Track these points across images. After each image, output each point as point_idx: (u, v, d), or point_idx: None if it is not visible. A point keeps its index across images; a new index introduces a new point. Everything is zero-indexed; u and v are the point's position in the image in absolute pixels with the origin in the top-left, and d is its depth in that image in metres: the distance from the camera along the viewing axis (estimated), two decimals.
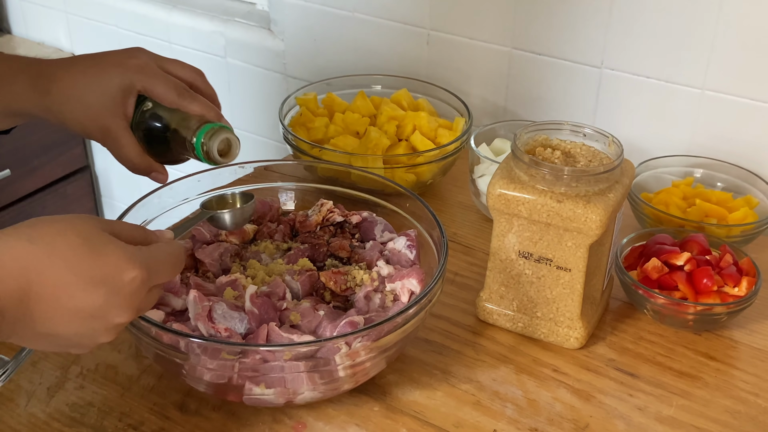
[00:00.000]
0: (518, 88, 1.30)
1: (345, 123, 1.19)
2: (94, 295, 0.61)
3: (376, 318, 0.79)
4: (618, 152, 0.86)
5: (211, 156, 0.87)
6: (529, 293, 0.89)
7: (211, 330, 0.76)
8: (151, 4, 1.72)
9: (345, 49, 1.47)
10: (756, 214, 1.06)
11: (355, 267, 0.87)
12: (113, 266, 0.61)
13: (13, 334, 0.61)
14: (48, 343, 0.63)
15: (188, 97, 0.88)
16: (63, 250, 0.60)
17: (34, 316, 0.60)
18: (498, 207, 0.86)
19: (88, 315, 0.61)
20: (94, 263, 0.61)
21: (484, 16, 1.29)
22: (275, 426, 0.79)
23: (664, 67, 1.16)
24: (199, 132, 0.87)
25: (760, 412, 0.83)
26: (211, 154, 0.87)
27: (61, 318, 0.61)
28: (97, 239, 0.62)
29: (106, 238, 0.62)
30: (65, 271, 0.60)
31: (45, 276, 0.59)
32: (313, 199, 0.98)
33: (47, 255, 0.60)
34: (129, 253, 0.62)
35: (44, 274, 0.59)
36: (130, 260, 0.62)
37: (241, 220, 0.87)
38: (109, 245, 0.62)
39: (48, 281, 0.59)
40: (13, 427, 0.79)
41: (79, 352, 0.66)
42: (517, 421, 0.81)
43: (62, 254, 0.60)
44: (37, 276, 0.59)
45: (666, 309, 0.90)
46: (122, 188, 2.04)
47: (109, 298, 0.61)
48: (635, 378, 0.86)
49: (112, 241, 0.63)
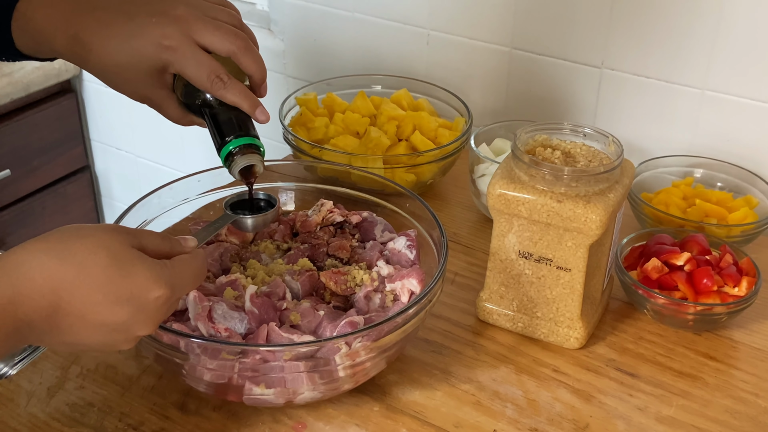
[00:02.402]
0: (518, 88, 1.30)
1: (345, 123, 1.19)
2: (120, 312, 0.63)
3: (376, 318, 0.79)
4: (618, 152, 0.86)
5: (234, 176, 0.84)
6: (529, 293, 0.89)
7: (211, 330, 0.76)
8: None
9: (345, 49, 1.47)
10: (756, 214, 1.06)
11: (355, 267, 0.87)
12: (140, 286, 0.64)
13: (39, 342, 0.64)
14: (70, 348, 0.68)
15: (220, 86, 0.83)
16: (93, 270, 0.62)
17: (62, 329, 0.63)
18: (498, 207, 0.86)
19: (112, 329, 0.64)
20: (122, 283, 0.63)
21: (484, 16, 1.29)
22: (275, 426, 0.79)
23: (665, 67, 1.16)
24: (228, 144, 0.82)
25: (760, 412, 0.83)
26: (233, 174, 0.84)
27: (86, 331, 0.63)
28: (126, 258, 0.64)
29: (134, 256, 0.64)
30: (94, 290, 0.62)
31: (75, 295, 0.62)
32: (313, 199, 0.98)
33: (77, 274, 0.62)
34: (155, 273, 0.65)
35: (74, 293, 0.62)
36: (156, 280, 0.64)
37: (263, 225, 0.86)
38: (136, 264, 0.64)
39: (77, 299, 0.62)
40: (13, 427, 0.79)
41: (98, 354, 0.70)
42: (517, 421, 0.81)
43: (92, 274, 0.62)
44: (68, 295, 0.61)
45: (666, 309, 0.90)
46: (122, 188, 2.04)
47: (134, 315, 0.64)
48: (635, 378, 0.86)
49: (140, 258, 0.65)
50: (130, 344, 0.67)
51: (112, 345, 0.66)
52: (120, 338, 0.65)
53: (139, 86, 0.86)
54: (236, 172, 0.83)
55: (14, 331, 0.60)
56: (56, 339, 0.64)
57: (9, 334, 0.60)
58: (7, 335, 0.60)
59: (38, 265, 0.61)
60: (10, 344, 0.61)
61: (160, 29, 0.82)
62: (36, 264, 0.61)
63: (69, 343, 0.65)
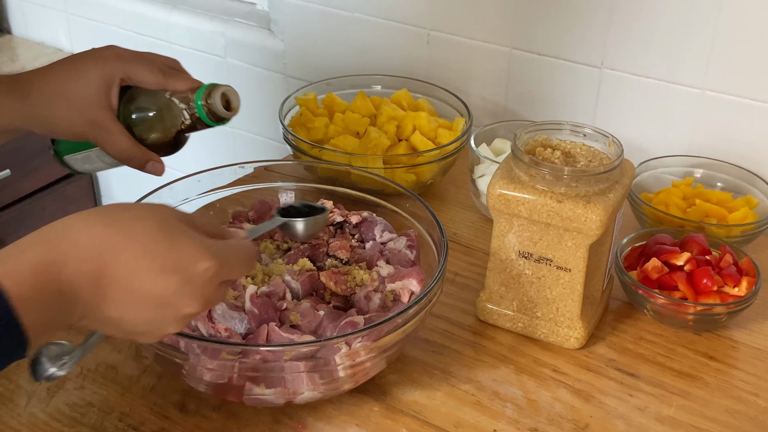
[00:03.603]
0: (518, 88, 1.30)
1: (345, 123, 1.19)
2: (166, 283, 0.61)
3: (376, 318, 0.79)
4: (618, 152, 0.86)
5: (217, 112, 0.85)
6: (529, 293, 0.89)
7: (211, 330, 0.76)
8: (151, 4, 1.72)
9: (345, 49, 1.47)
10: (756, 214, 1.06)
11: (355, 267, 0.87)
12: (188, 256, 0.61)
13: (84, 317, 0.61)
14: (116, 328, 0.63)
15: (174, 75, 0.86)
16: (140, 235, 0.60)
17: (107, 300, 0.60)
18: (498, 207, 0.86)
19: (158, 303, 0.61)
20: (169, 251, 0.61)
21: (484, 16, 1.29)
22: (275, 426, 0.79)
23: (664, 68, 1.16)
24: (197, 95, 0.84)
25: (760, 412, 0.83)
26: (216, 110, 0.84)
27: (132, 304, 0.61)
28: (174, 228, 0.62)
29: (183, 228, 0.63)
30: (141, 255, 0.60)
31: (120, 260, 0.59)
32: (313, 199, 0.98)
33: (124, 238, 0.60)
34: (204, 244, 0.62)
35: (120, 257, 0.59)
36: (204, 251, 0.62)
37: (313, 231, 0.83)
38: (185, 235, 0.62)
39: (122, 265, 0.59)
40: (13, 427, 0.79)
41: (146, 341, 0.66)
42: (517, 421, 0.81)
43: (139, 239, 0.60)
44: (113, 260, 0.59)
45: (666, 309, 0.90)
46: (122, 189, 2.04)
47: (181, 287, 0.61)
48: (635, 378, 0.86)
49: (189, 231, 0.63)
50: (177, 325, 0.63)
51: (159, 324, 0.63)
52: (168, 316, 0.62)
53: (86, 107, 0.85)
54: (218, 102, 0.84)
55: (57, 293, 0.58)
56: (102, 313, 0.60)
57: (52, 295, 0.57)
58: (50, 297, 0.57)
59: (84, 228, 0.59)
60: (53, 311, 0.58)
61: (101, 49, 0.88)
62: (82, 227, 0.59)
63: (114, 319, 0.61)
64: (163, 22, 1.71)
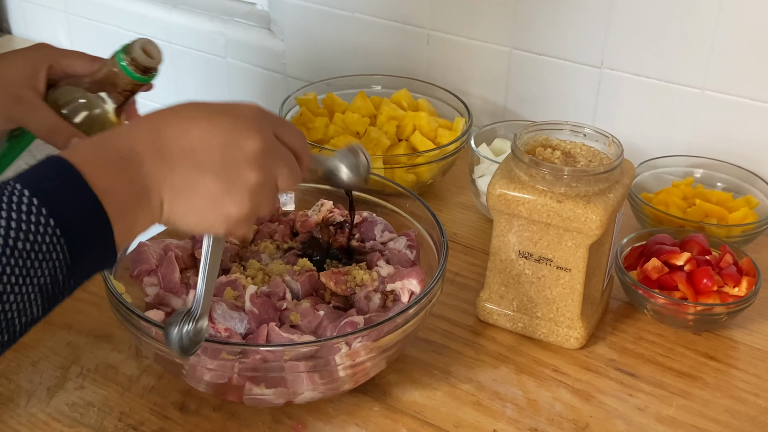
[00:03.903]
0: (518, 88, 1.30)
1: (345, 123, 1.19)
2: (221, 121, 0.62)
3: (376, 318, 0.79)
4: (618, 152, 0.86)
5: (141, 61, 0.87)
6: (529, 293, 0.89)
7: (211, 330, 0.76)
8: (151, 4, 1.72)
9: (345, 49, 1.47)
10: (756, 214, 1.06)
11: (355, 267, 0.87)
12: (237, 105, 0.64)
13: (152, 185, 0.60)
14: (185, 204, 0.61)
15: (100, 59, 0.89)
16: (192, 103, 0.64)
17: (172, 161, 0.60)
18: (498, 207, 0.86)
19: (221, 141, 0.61)
20: (222, 108, 0.63)
21: (484, 16, 1.29)
22: (275, 426, 0.79)
23: (664, 67, 1.16)
24: (118, 57, 0.87)
25: (760, 412, 0.83)
26: (141, 61, 0.86)
27: (195, 162, 0.61)
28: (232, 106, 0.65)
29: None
30: (193, 108, 0.63)
31: (175, 110, 0.63)
32: (313, 199, 0.98)
33: (177, 106, 0.63)
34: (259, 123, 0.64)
35: (175, 110, 0.63)
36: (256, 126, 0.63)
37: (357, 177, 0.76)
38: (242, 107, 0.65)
39: (174, 115, 0.62)
40: (13, 427, 0.79)
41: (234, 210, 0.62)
42: (517, 421, 0.81)
43: (191, 104, 0.64)
44: (169, 113, 0.62)
45: (666, 309, 0.90)
46: None
47: (236, 124, 0.62)
48: (635, 378, 0.86)
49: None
50: (239, 196, 0.62)
51: (233, 153, 0.61)
52: (237, 157, 0.61)
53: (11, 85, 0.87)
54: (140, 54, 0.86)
55: (121, 158, 0.58)
56: (168, 181, 0.60)
57: (115, 161, 0.58)
58: (113, 162, 0.58)
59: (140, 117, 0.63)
60: (124, 178, 0.58)
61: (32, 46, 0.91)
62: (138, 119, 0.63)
63: (181, 191, 0.60)
64: (163, 22, 1.70)
